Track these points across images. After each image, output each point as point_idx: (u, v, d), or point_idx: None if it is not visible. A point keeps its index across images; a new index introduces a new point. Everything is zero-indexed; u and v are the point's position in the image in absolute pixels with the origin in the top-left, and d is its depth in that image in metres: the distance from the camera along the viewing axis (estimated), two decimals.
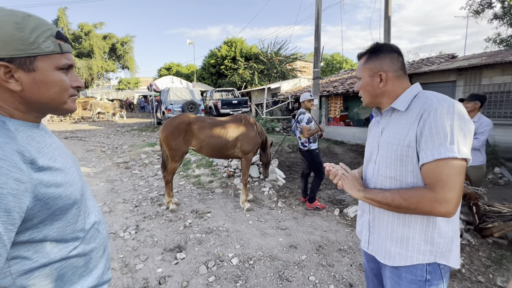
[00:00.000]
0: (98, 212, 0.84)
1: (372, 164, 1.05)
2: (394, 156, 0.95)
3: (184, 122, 3.55)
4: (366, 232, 1.10)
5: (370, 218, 1.07)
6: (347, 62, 30.77)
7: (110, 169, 5.86)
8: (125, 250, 2.67)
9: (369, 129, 1.20)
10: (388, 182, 0.98)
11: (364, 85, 1.05)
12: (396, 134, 0.96)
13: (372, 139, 1.10)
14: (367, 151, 1.13)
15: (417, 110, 0.91)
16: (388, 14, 7.62)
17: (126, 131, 12.07)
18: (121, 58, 25.53)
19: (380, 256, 1.03)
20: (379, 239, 1.03)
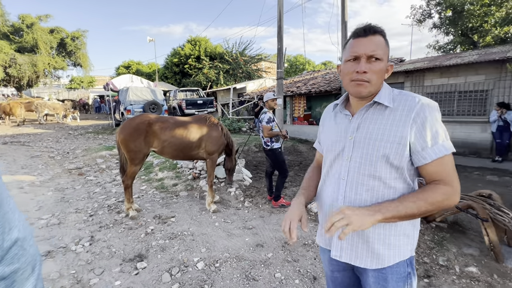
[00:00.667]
0: (23, 227, 0.73)
1: (346, 162, 0.96)
2: (381, 154, 0.89)
3: (145, 123, 3.36)
4: (337, 240, 0.98)
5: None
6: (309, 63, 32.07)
7: (60, 177, 5.30)
8: (77, 264, 2.43)
9: (326, 124, 1.10)
10: (371, 181, 0.92)
11: (382, 68, 0.90)
12: (381, 130, 0.91)
13: (341, 134, 1.00)
14: (333, 147, 1.02)
15: (406, 107, 0.89)
16: (345, 19, 8.08)
17: (80, 134, 11.06)
18: (72, 54, 23.28)
19: (361, 261, 0.96)
20: (360, 243, 0.95)
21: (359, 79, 0.90)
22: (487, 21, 12.93)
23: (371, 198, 0.92)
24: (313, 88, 10.11)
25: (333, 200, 0.99)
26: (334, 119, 1.07)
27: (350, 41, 0.94)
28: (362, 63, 0.89)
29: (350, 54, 0.92)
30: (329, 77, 11.78)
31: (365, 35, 0.89)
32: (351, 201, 0.94)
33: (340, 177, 0.97)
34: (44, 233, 3.00)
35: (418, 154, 0.88)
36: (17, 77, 19.86)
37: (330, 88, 9.22)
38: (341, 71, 0.98)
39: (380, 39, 0.90)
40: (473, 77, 6.73)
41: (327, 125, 1.11)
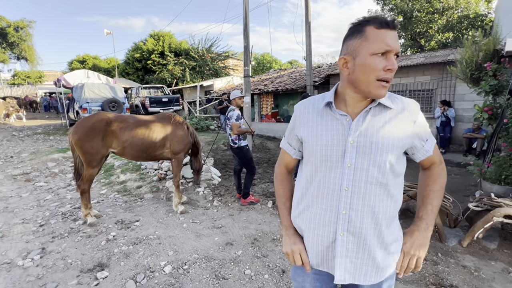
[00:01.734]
0: None
1: (349, 170, 0.85)
2: (389, 159, 0.84)
3: (102, 121, 3.13)
4: (341, 260, 0.88)
5: (346, 239, 0.87)
6: (276, 62, 32.61)
7: (2, 184, 4.71)
8: (25, 281, 2.19)
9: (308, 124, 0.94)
10: (377, 189, 0.85)
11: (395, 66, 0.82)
12: (387, 134, 0.84)
13: (337, 137, 0.87)
14: (327, 153, 0.88)
15: (404, 109, 0.88)
16: (309, 20, 8.36)
17: (26, 135, 9.91)
18: (15, 46, 20.71)
19: (366, 278, 0.89)
20: (365, 259, 0.87)
21: (388, 79, 0.80)
22: (432, 27, 14.39)
23: (378, 209, 0.86)
24: (280, 86, 10.32)
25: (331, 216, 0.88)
26: (321, 119, 0.91)
27: (372, 30, 0.78)
28: (393, 60, 0.79)
29: (380, 46, 0.77)
30: (295, 75, 12.12)
31: (393, 28, 0.78)
32: (358, 215, 0.85)
33: (341, 188, 0.86)
34: None
35: (421, 150, 0.92)
36: None
37: (296, 86, 9.49)
38: (361, 66, 0.80)
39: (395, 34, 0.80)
40: (421, 77, 7.45)
41: (310, 125, 0.93)
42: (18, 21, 20.33)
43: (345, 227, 0.87)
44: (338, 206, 0.87)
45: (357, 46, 0.81)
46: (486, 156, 4.05)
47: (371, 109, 0.87)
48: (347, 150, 0.85)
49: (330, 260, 0.90)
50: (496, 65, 3.69)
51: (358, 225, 0.86)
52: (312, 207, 0.93)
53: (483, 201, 2.67)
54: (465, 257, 2.50)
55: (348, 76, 0.85)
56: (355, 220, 0.86)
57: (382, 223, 0.87)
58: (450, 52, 8.49)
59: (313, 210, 0.93)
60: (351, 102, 0.88)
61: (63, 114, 12.98)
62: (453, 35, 13.85)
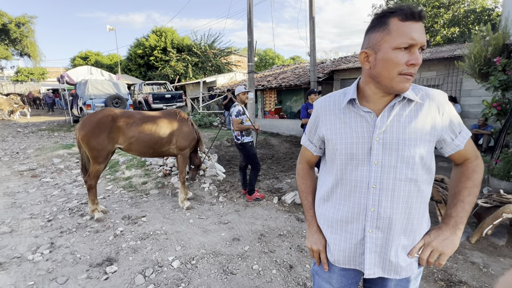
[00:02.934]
0: None
1: (376, 167, 0.84)
2: (418, 154, 0.82)
3: (108, 117, 3.13)
4: (371, 255, 0.88)
5: (375, 236, 0.87)
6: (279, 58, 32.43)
7: (10, 180, 4.75)
8: (36, 275, 2.21)
9: (330, 121, 0.93)
10: (407, 185, 0.84)
11: None
12: (414, 129, 0.82)
13: (362, 134, 0.86)
14: (353, 151, 0.87)
15: (430, 101, 0.84)
16: (313, 15, 8.27)
17: (31, 132, 9.98)
18: (18, 42, 20.73)
19: (395, 272, 0.88)
20: (393, 255, 0.87)
21: (411, 74, 0.77)
22: (437, 22, 14.19)
23: (408, 205, 0.85)
24: (283, 82, 10.26)
25: (359, 213, 0.88)
26: (344, 116, 0.90)
27: (396, 22, 0.75)
28: (417, 54, 0.76)
29: (404, 41, 0.74)
30: (298, 71, 12.04)
31: (418, 19, 0.75)
32: (387, 212, 0.84)
33: (369, 186, 0.85)
34: None
35: (450, 144, 0.87)
36: None
37: (299, 82, 9.43)
38: (383, 60, 0.78)
39: (422, 25, 0.77)
40: (427, 73, 7.36)
41: (332, 123, 0.92)
42: (19, 17, 20.31)
43: (373, 224, 0.86)
44: (366, 203, 0.86)
45: (379, 39, 0.78)
46: (494, 153, 4.01)
47: (396, 104, 0.84)
48: (373, 147, 0.84)
49: (359, 256, 0.91)
50: (506, 60, 3.63)
51: (387, 221, 0.85)
52: (339, 205, 0.93)
53: (492, 197, 2.64)
54: (474, 254, 2.48)
55: (369, 71, 0.84)
56: (384, 217, 0.85)
57: (413, 219, 0.86)
58: (456, 47, 8.37)
59: (340, 208, 0.92)
60: (374, 97, 0.86)
61: (66, 110, 13.03)
62: (459, 29, 13.65)
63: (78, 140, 3.15)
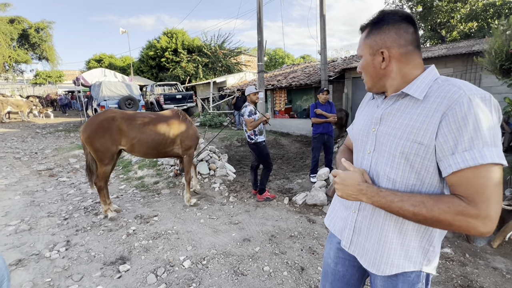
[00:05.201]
0: None
1: (368, 156, 0.87)
2: (399, 153, 0.78)
3: (108, 119, 3.14)
4: (349, 231, 0.95)
5: (357, 218, 0.92)
6: (288, 57, 32.23)
7: (29, 179, 4.93)
8: (52, 272, 2.28)
9: (362, 108, 1.01)
10: (385, 183, 0.83)
11: (365, 65, 0.87)
12: (403, 125, 0.78)
13: (365, 123, 0.91)
14: (358, 138, 0.94)
15: (439, 99, 0.72)
16: (323, 13, 8.15)
17: (49, 132, 10.34)
18: (37, 47, 21.51)
19: (367, 263, 0.90)
20: (367, 243, 0.90)
21: None
22: (454, 17, 13.68)
23: None
24: (293, 81, 10.18)
25: None
26: (367, 104, 0.99)
27: None
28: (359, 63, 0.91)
29: None
30: (308, 70, 11.91)
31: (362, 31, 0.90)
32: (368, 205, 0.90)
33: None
34: (13, 241, 2.77)
35: (444, 160, 0.70)
36: None
37: (310, 81, 9.33)
38: None
39: (362, 36, 0.88)
40: (443, 70, 7.10)
41: (361, 110, 1.02)
42: (38, 22, 21.07)
43: (357, 206, 0.93)
44: None
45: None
46: None
47: (395, 98, 0.85)
48: (368, 136, 0.90)
49: (342, 227, 1.00)
50: None
51: (367, 209, 0.89)
52: None
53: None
54: (496, 259, 2.37)
55: None
56: (367, 208, 0.90)
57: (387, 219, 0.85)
58: (474, 42, 8.04)
59: None
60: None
61: (82, 111, 13.43)
62: (477, 24, 13.11)
63: (82, 142, 3.19)
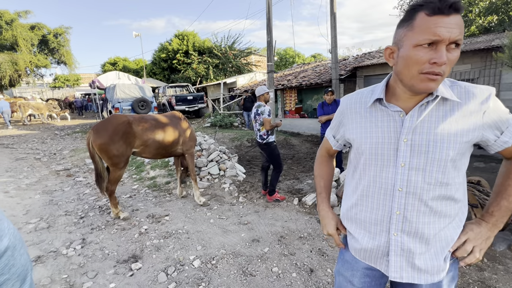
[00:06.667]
0: (13, 235, 0.69)
1: (403, 170, 0.80)
2: (451, 157, 0.76)
3: (124, 123, 3.17)
4: (396, 258, 0.84)
5: (401, 240, 0.83)
6: (299, 56, 31.98)
7: (48, 179, 5.14)
8: (69, 268, 2.37)
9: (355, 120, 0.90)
10: (437, 189, 0.78)
11: (457, 56, 0.73)
12: (448, 130, 0.75)
13: (388, 135, 0.82)
14: (378, 151, 0.84)
15: (471, 100, 0.76)
16: (334, 10, 8.04)
17: (67, 134, 10.75)
18: (55, 52, 22.42)
19: (425, 277, 0.84)
20: (422, 259, 0.82)
21: (436, 73, 0.70)
22: (472, 11, 13.13)
23: (438, 209, 0.80)
24: (303, 81, 10.10)
25: (383, 215, 0.85)
26: (370, 115, 0.87)
27: (422, 17, 0.69)
28: (443, 52, 0.69)
29: (425, 37, 0.69)
30: (319, 69, 11.78)
31: (449, 13, 0.67)
32: (413, 216, 0.80)
33: (394, 188, 0.82)
34: (33, 238, 2.90)
35: (497, 142, 0.79)
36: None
37: (320, 80, 9.22)
38: (403, 58, 0.75)
39: (461, 19, 0.70)
40: (460, 66, 6.84)
41: (358, 121, 0.90)
42: (57, 28, 21.96)
43: (399, 227, 0.83)
44: (391, 206, 0.83)
45: (402, 36, 0.75)
46: None
47: (429, 103, 0.78)
48: (400, 148, 0.80)
49: (381, 257, 0.88)
50: None
51: (415, 225, 0.81)
52: (362, 205, 0.91)
53: None
54: None
55: (394, 68, 0.82)
56: (411, 220, 0.81)
57: (444, 224, 0.82)
58: (494, 37, 7.69)
59: (363, 208, 0.91)
60: (404, 96, 0.81)
61: (97, 113, 13.88)
62: (498, 18, 12.53)
63: (91, 149, 3.12)
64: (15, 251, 0.67)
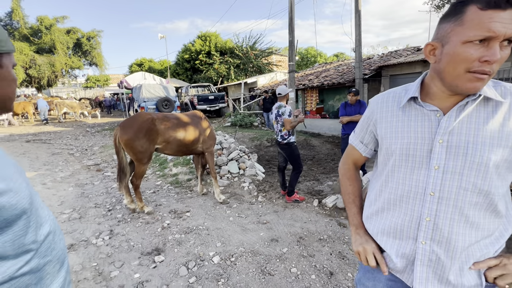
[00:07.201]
0: (53, 222, 0.76)
1: (436, 173, 0.75)
2: (493, 162, 0.70)
3: (148, 121, 3.33)
4: (422, 269, 0.78)
5: (429, 249, 0.77)
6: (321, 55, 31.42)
7: (80, 173, 5.50)
8: (98, 257, 2.52)
9: (386, 119, 0.86)
10: (475, 196, 0.72)
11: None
12: (491, 132, 0.70)
13: (422, 135, 0.77)
14: (409, 152, 0.79)
15: (510, 98, 0.72)
16: (359, 8, 7.81)
17: (97, 131, 11.41)
18: (88, 54, 23.93)
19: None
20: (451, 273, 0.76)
21: (484, 72, 0.66)
22: None
23: (473, 219, 0.73)
24: (325, 80, 9.91)
25: (411, 221, 0.79)
26: (403, 114, 0.82)
27: (474, 11, 0.64)
28: (496, 49, 0.63)
29: (478, 33, 0.63)
30: (342, 69, 11.50)
31: (505, 7, 0.62)
32: (446, 224, 0.74)
33: (425, 192, 0.76)
34: (66, 227, 3.12)
35: None
36: (37, 78, 20.69)
37: (343, 80, 9.00)
38: (448, 55, 0.69)
39: None
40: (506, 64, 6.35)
41: (389, 121, 0.85)
42: (89, 31, 23.44)
43: (428, 235, 0.77)
44: (420, 211, 0.78)
45: (448, 31, 0.69)
46: None
47: (468, 103, 0.73)
48: (434, 150, 0.75)
49: (406, 267, 0.82)
50: None
51: (447, 234, 0.75)
52: (388, 210, 0.85)
53: None
54: None
55: (434, 65, 0.76)
56: (443, 229, 0.75)
57: (478, 237, 0.74)
58: None
59: (388, 213, 0.85)
60: (441, 95, 0.77)
61: (125, 112, 14.60)
62: None
63: (117, 144, 3.32)
64: (55, 236, 0.73)
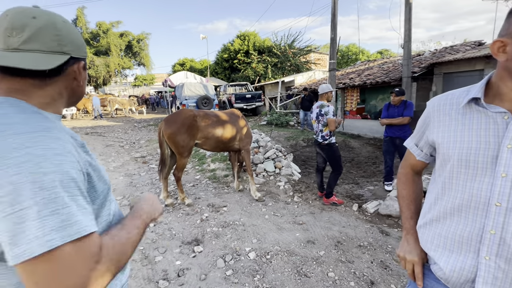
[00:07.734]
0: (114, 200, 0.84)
1: (500, 180, 0.69)
2: None
3: (190, 117, 3.53)
4: (486, 287, 0.71)
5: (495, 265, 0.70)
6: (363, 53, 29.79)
7: (129, 164, 6.02)
8: (144, 242, 2.73)
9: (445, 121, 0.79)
10: None
11: None
12: None
13: (486, 139, 0.71)
14: (471, 157, 0.73)
15: None
16: (409, 1, 7.21)
17: (143, 126, 12.36)
18: (137, 55, 26.10)
19: None
20: None
21: None
22: None
23: None
24: (368, 79, 9.37)
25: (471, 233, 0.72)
26: (463, 117, 0.76)
27: None
28: None
29: None
30: (387, 66, 10.77)
31: None
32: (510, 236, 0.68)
33: (490, 202, 0.70)
34: None
35: None
36: (95, 77, 23.18)
37: (388, 79, 8.42)
38: None
39: None
40: None
41: (447, 125, 0.79)
42: (139, 34, 25.53)
43: (493, 251, 0.69)
44: (484, 223, 0.71)
45: None
46: None
47: None
48: (501, 155, 0.68)
49: (464, 283, 0.75)
50: None
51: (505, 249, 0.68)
52: (444, 221, 0.79)
53: None
54: None
55: (505, 63, 0.68)
56: (511, 244, 0.67)
57: None
58: None
59: (444, 224, 0.79)
60: (511, 95, 0.70)
61: (167, 109, 15.58)
62: None
63: (161, 137, 3.55)
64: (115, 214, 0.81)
